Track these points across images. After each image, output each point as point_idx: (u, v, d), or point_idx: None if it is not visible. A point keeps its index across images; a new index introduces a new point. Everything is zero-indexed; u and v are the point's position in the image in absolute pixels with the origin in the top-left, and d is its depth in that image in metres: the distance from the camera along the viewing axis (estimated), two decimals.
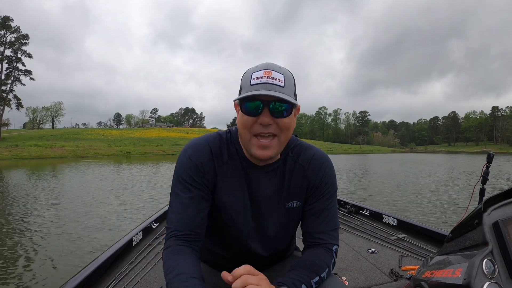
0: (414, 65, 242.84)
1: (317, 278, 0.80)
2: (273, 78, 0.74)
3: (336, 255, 0.88)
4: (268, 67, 0.76)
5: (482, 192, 1.78)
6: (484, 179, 1.76)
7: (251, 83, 0.75)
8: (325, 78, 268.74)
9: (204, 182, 0.83)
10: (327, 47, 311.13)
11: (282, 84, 0.75)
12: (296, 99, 0.80)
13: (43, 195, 8.61)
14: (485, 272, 0.79)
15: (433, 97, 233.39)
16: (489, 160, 1.76)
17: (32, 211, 6.67)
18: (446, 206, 7.27)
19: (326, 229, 0.87)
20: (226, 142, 0.88)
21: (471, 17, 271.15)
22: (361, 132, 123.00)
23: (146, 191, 9.51)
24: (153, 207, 6.59)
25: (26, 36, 51.17)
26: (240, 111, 0.79)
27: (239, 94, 0.79)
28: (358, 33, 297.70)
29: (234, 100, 0.79)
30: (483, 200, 0.96)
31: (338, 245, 0.89)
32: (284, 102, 0.75)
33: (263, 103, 0.74)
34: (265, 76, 0.74)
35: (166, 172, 16.34)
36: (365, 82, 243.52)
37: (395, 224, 2.71)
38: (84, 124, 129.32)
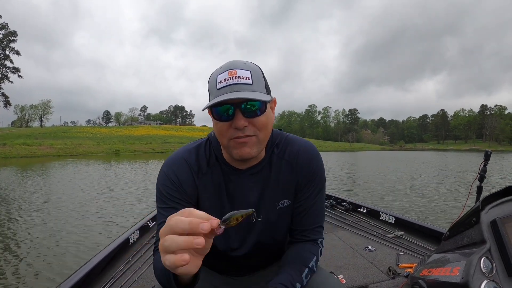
0: (408, 62, 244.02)
1: (306, 270, 0.81)
2: (240, 77, 0.70)
3: (323, 246, 0.89)
4: (232, 66, 0.72)
5: (479, 190, 1.78)
6: (482, 177, 1.77)
7: (218, 87, 0.71)
8: (318, 75, 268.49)
9: (185, 198, 0.81)
10: (321, 43, 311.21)
11: (250, 82, 0.71)
12: (269, 92, 0.77)
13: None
14: (483, 271, 0.79)
15: (426, 95, 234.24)
16: (487, 157, 1.76)
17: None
18: (443, 203, 7.31)
19: (312, 226, 0.87)
20: (204, 151, 0.85)
21: (467, 15, 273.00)
22: (351, 130, 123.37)
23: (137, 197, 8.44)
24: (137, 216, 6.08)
25: (14, 33, 50.88)
26: (213, 118, 0.75)
27: (209, 100, 0.75)
28: (353, 29, 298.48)
29: (203, 109, 0.74)
30: (481, 198, 0.96)
31: (323, 238, 0.90)
32: (256, 101, 0.71)
33: (234, 105, 0.71)
34: (230, 77, 0.70)
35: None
36: (358, 80, 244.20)
37: (393, 222, 2.71)
38: (73, 122, 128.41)
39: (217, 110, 0.72)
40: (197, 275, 0.62)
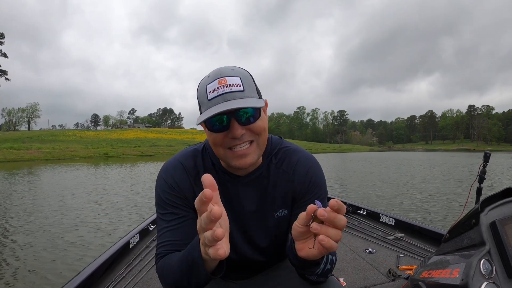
0: (403, 63, 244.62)
1: (334, 257, 0.75)
2: (230, 85, 0.68)
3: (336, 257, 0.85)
4: (221, 74, 0.69)
5: (479, 191, 1.79)
6: (481, 179, 1.77)
7: (209, 98, 0.69)
8: (311, 77, 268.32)
9: (185, 202, 0.80)
10: (316, 43, 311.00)
11: (241, 88, 0.68)
12: (260, 95, 0.75)
13: None
14: (483, 272, 0.79)
15: (417, 96, 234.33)
16: (486, 159, 1.77)
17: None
18: (442, 205, 7.30)
19: None
20: (201, 156, 0.84)
21: (466, 15, 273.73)
22: (340, 131, 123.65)
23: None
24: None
25: (1, 35, 50.27)
26: (206, 129, 0.73)
27: (200, 112, 0.73)
28: (351, 28, 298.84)
29: (198, 123, 0.71)
30: (480, 200, 0.97)
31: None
32: (250, 108, 0.69)
33: (228, 115, 0.68)
34: (220, 86, 0.68)
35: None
36: (350, 81, 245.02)
37: (393, 224, 2.71)
38: (61, 126, 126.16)
39: (210, 121, 0.70)
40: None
